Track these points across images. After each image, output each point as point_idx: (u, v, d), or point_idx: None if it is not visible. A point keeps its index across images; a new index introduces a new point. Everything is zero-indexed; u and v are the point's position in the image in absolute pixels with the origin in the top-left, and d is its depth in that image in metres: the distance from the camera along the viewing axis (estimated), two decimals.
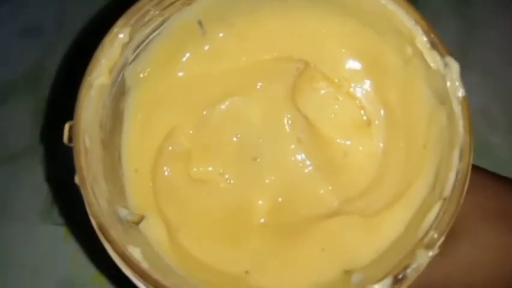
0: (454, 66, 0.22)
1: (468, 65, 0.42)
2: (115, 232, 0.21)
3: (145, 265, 0.21)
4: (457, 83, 0.22)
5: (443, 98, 0.23)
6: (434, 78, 0.23)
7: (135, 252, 0.21)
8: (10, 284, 0.40)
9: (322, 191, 0.28)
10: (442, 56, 0.23)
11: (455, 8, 0.46)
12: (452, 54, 0.22)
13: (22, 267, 0.40)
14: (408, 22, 0.23)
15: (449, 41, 0.22)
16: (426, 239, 0.21)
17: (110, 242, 0.21)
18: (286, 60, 0.28)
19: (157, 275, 0.21)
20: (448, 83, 0.22)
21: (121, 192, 0.26)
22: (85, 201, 0.21)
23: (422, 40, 0.23)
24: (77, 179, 0.22)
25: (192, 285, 0.23)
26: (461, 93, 0.22)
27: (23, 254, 0.41)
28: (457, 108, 0.22)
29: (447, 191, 0.22)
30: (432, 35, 0.23)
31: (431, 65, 0.23)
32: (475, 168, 0.30)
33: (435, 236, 0.21)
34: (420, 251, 0.21)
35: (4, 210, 0.41)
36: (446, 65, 0.22)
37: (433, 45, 0.23)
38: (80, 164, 0.22)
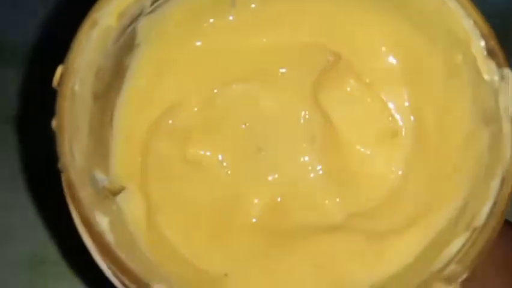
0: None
1: None
2: (84, 193, 0.18)
3: (110, 239, 0.18)
4: None
5: (489, 117, 0.20)
6: (484, 93, 0.20)
7: (103, 222, 0.18)
8: None
9: (327, 201, 0.25)
10: (499, 66, 0.20)
11: None
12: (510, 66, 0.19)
13: None
14: (467, 23, 0.21)
15: None
16: (447, 272, 0.18)
17: (75, 202, 0.18)
18: (317, 48, 0.26)
19: (122, 254, 0.18)
20: (501, 99, 0.19)
21: (104, 156, 0.23)
22: (58, 150, 0.18)
23: (478, 45, 0.20)
24: (54, 123, 0.19)
25: (160, 275, 0.20)
26: None
27: None
28: (507, 129, 0.19)
29: (478, 222, 0.18)
30: (492, 41, 0.20)
31: (485, 75, 0.20)
32: None
33: (459, 269, 0.17)
34: (439, 284, 0.17)
35: None
36: (502, 77, 0.20)
37: (491, 53, 0.20)
38: (62, 106, 0.19)
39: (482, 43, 0.20)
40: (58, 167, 0.18)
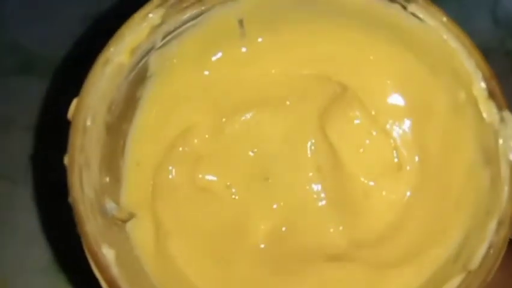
0: (511, 124, 0.19)
1: None
2: (92, 225, 0.19)
3: (115, 270, 0.19)
4: (511, 143, 0.19)
5: (490, 157, 0.20)
6: (485, 133, 0.21)
7: (109, 254, 0.19)
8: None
9: (332, 230, 0.26)
10: (500, 108, 0.20)
11: None
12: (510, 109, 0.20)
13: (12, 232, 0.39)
14: (469, 64, 0.21)
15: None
16: None
17: (84, 235, 0.19)
18: (324, 80, 0.26)
19: (126, 283, 0.19)
20: (500, 141, 0.19)
21: (116, 184, 0.24)
22: (68, 185, 0.19)
23: (480, 87, 0.20)
24: (66, 159, 0.20)
25: None
26: None
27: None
28: (505, 172, 0.19)
29: (473, 265, 0.19)
30: (493, 83, 0.20)
31: (485, 116, 0.20)
32: None
33: None
34: None
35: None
36: (502, 119, 0.20)
37: (491, 95, 0.20)
38: (74, 142, 0.20)
39: (483, 84, 0.20)
40: (69, 201, 0.19)
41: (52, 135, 0.41)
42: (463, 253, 0.20)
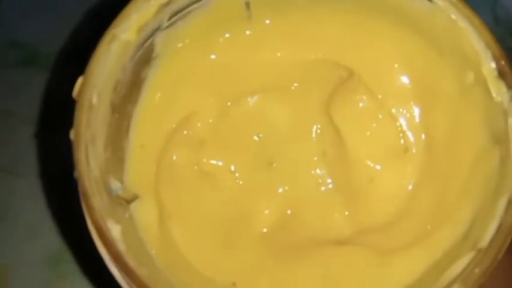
0: None
1: None
2: (98, 201, 0.19)
3: (121, 246, 0.19)
4: None
5: (499, 137, 0.20)
6: (494, 113, 0.20)
7: (114, 229, 0.19)
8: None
9: (336, 215, 0.26)
10: (509, 87, 0.20)
11: None
12: None
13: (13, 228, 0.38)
14: (478, 44, 0.21)
15: None
16: None
17: (89, 210, 0.18)
18: (330, 64, 0.26)
19: (132, 260, 0.18)
20: (510, 120, 0.19)
21: (119, 165, 0.24)
22: (74, 160, 0.19)
23: (489, 66, 0.20)
24: (72, 134, 0.19)
25: (167, 282, 0.20)
26: None
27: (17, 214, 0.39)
28: None
29: (484, 243, 0.18)
30: (503, 62, 0.20)
31: (494, 96, 0.20)
32: None
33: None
34: None
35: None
36: (511, 99, 0.19)
37: (501, 74, 0.20)
38: (80, 117, 0.20)
39: (493, 64, 0.20)
40: (74, 176, 0.19)
41: (52, 128, 0.41)
42: (472, 233, 0.20)
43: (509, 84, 0.20)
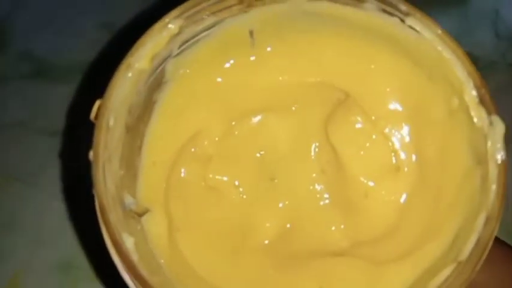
0: (499, 127, 0.21)
1: None
2: (114, 216, 0.21)
3: (135, 257, 0.20)
4: (499, 145, 0.21)
5: (481, 159, 0.22)
6: (476, 136, 0.22)
7: (128, 242, 0.21)
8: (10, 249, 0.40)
9: (333, 228, 0.27)
10: (489, 113, 0.21)
11: None
12: (499, 113, 0.21)
13: (25, 235, 0.40)
14: (461, 73, 0.22)
15: None
16: None
17: (106, 224, 0.20)
18: (328, 87, 0.28)
19: (144, 270, 0.20)
20: (489, 143, 0.21)
21: (133, 181, 0.25)
22: (93, 179, 0.21)
23: (471, 94, 0.22)
24: (91, 155, 0.21)
25: None
26: (500, 156, 0.21)
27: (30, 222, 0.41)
28: (493, 172, 0.21)
29: (463, 255, 0.20)
30: (483, 91, 0.21)
31: (476, 121, 0.22)
32: (508, 246, 0.28)
33: None
34: None
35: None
36: (491, 123, 0.21)
37: (482, 101, 0.22)
38: (98, 139, 0.22)
39: (474, 92, 0.22)
40: (93, 193, 0.21)
41: (65, 139, 0.43)
42: (455, 246, 0.21)
43: (489, 111, 0.21)
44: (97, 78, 0.25)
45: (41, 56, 0.45)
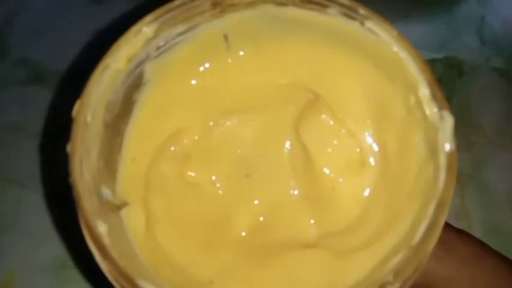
0: (449, 121, 0.22)
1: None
2: (89, 203, 0.22)
3: (107, 241, 0.22)
4: (448, 137, 0.22)
5: (433, 150, 0.23)
6: (430, 131, 0.23)
7: (102, 227, 0.22)
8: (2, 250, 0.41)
9: (304, 220, 0.28)
10: (440, 108, 0.23)
11: None
12: (449, 108, 0.23)
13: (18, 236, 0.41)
14: (415, 71, 0.24)
15: None
16: (382, 283, 0.21)
17: (81, 210, 0.22)
18: (300, 88, 0.29)
19: (115, 253, 0.21)
20: (440, 136, 0.22)
21: (111, 175, 0.26)
22: (69, 169, 0.23)
23: (424, 90, 0.23)
24: (68, 147, 0.23)
25: (149, 275, 0.23)
26: (449, 147, 0.22)
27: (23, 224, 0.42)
28: (443, 162, 0.22)
29: (415, 240, 0.21)
30: (434, 87, 0.23)
31: (428, 116, 0.23)
32: (483, 245, 0.29)
33: (390, 279, 0.20)
34: None
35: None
36: (442, 118, 0.23)
37: (433, 97, 0.23)
38: (75, 134, 0.23)
39: (427, 89, 0.23)
40: (69, 182, 0.23)
41: (59, 142, 0.45)
42: (410, 233, 0.23)
43: (440, 106, 0.23)
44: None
45: (37, 62, 0.47)
